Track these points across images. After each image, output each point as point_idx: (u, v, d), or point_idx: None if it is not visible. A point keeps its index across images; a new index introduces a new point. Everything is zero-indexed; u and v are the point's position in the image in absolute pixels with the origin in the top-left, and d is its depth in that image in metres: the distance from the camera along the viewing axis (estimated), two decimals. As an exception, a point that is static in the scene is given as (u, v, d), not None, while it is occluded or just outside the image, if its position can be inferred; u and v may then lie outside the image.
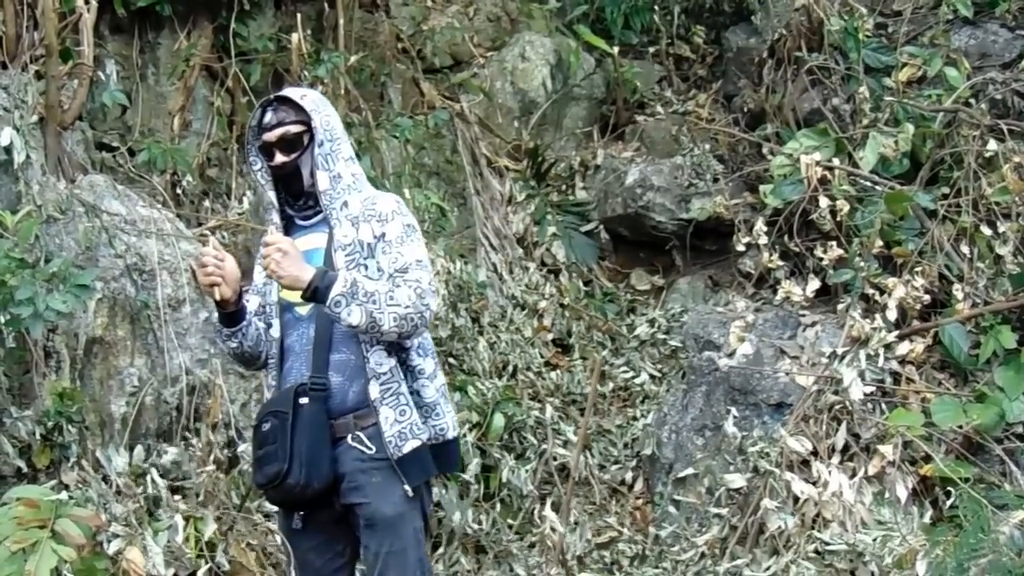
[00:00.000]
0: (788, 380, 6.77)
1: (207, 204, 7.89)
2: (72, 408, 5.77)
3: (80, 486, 5.68)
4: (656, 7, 10.91)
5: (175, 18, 8.36)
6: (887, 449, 6.19)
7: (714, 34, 10.87)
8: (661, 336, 8.54)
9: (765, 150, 8.67)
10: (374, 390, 4.28)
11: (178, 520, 5.72)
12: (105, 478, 5.90)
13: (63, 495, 5.27)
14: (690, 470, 6.76)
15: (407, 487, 4.25)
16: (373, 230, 4.35)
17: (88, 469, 5.83)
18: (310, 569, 4.46)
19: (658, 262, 9.55)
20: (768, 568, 5.99)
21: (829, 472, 6.11)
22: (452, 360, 7.84)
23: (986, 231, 6.95)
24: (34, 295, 5.20)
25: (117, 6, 7.97)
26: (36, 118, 6.60)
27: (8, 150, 6.14)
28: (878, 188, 7.29)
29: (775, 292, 7.58)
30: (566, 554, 6.41)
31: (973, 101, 7.56)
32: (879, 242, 7.06)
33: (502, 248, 9.14)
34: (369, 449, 4.25)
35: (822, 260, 7.24)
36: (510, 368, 8.06)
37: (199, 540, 5.80)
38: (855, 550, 5.75)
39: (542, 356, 8.38)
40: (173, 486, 6.12)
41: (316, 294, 4.16)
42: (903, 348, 6.66)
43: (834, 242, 7.20)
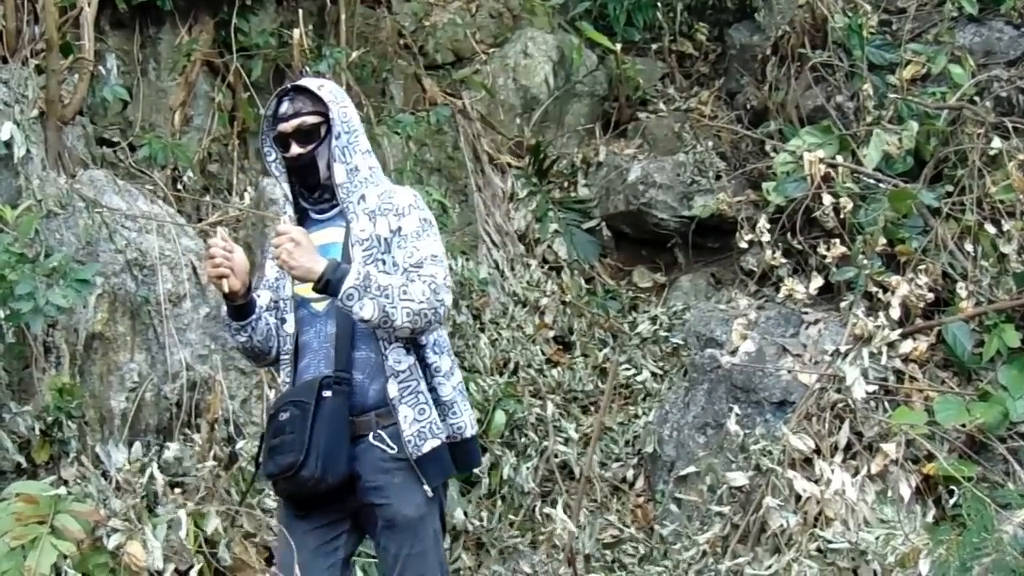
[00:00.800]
0: (790, 378, 6.74)
1: (208, 199, 7.87)
2: (72, 404, 5.76)
3: (79, 482, 5.66)
4: (659, 4, 10.88)
5: (176, 13, 8.34)
6: (890, 448, 6.16)
7: (717, 31, 10.84)
8: (663, 334, 8.50)
9: (768, 147, 8.66)
10: (393, 388, 4.19)
11: (181, 515, 5.69)
12: (104, 474, 5.89)
13: (62, 491, 5.28)
14: (692, 468, 6.74)
15: (427, 487, 4.19)
16: (390, 224, 4.26)
17: (87, 465, 5.81)
18: (305, 551, 4.32)
19: (660, 259, 9.53)
20: (770, 567, 5.96)
21: (832, 470, 6.08)
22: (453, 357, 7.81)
23: (990, 229, 6.93)
24: (34, 290, 5.19)
25: (118, 1, 7.95)
26: (36, 113, 6.59)
27: (8, 144, 6.13)
28: (882, 186, 7.28)
29: (777, 290, 7.58)
30: (575, 554, 6.39)
31: (978, 99, 7.55)
32: (882, 240, 7.04)
33: (504, 245, 9.12)
34: (391, 448, 4.17)
35: (825, 258, 7.22)
36: (511, 365, 8.05)
37: (199, 536, 5.78)
38: (857, 549, 5.73)
39: (543, 353, 8.36)
40: (173, 482, 6.10)
41: (328, 286, 4.07)
42: (906, 346, 6.64)
43: (837, 240, 7.19)
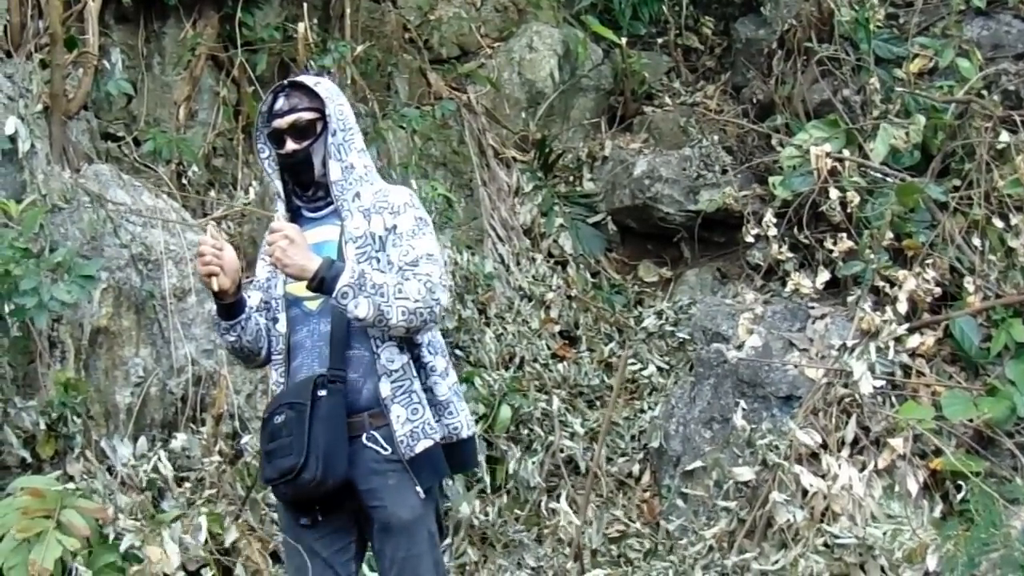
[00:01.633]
0: (797, 373, 6.72)
1: (212, 194, 7.87)
2: (77, 399, 5.75)
3: (86, 477, 5.65)
4: (664, -2, 10.88)
5: (180, 7, 8.34)
6: (897, 442, 6.14)
7: (723, 25, 10.83)
8: (669, 328, 8.49)
9: (774, 141, 8.63)
10: (385, 388, 4.14)
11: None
12: (110, 469, 5.88)
13: (71, 485, 5.28)
14: (698, 463, 6.72)
15: (419, 489, 4.13)
16: (385, 222, 4.21)
17: (93, 460, 5.80)
18: (317, 560, 4.27)
19: (666, 254, 9.51)
20: (776, 562, 5.94)
21: (839, 465, 6.06)
22: (459, 351, 7.81)
23: (998, 223, 6.90)
24: (38, 285, 5.17)
25: (122, -4, 7.95)
26: (41, 107, 6.59)
27: (13, 139, 6.14)
28: (889, 180, 7.25)
29: (784, 284, 7.56)
30: (582, 548, 6.37)
31: (985, 92, 7.51)
32: (889, 234, 7.01)
33: (509, 239, 9.11)
34: (385, 450, 4.12)
35: (832, 252, 7.19)
36: (517, 360, 8.04)
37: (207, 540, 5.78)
38: (865, 544, 5.71)
39: (549, 348, 8.35)
40: (178, 476, 6.10)
41: (322, 284, 4.00)
42: (913, 341, 6.62)
43: (844, 234, 7.16)
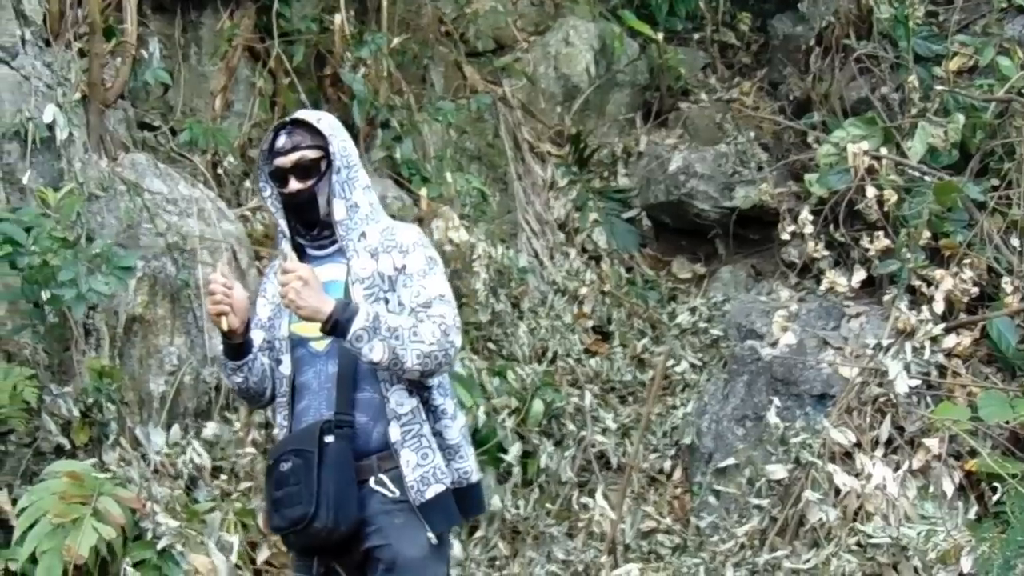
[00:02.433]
0: (831, 371, 6.70)
1: (248, 184, 7.87)
2: (111, 386, 5.76)
3: (121, 464, 5.67)
4: (701, -7, 10.84)
5: (218, -2, 8.36)
6: (932, 443, 6.11)
7: (759, 21, 10.78)
8: (702, 325, 8.47)
9: (811, 139, 8.59)
10: (395, 432, 4.03)
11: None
12: (144, 456, 5.90)
13: (108, 473, 5.30)
14: (731, 460, 6.70)
15: (430, 534, 4.01)
16: (394, 262, 4.11)
17: (127, 448, 5.82)
18: None
19: (700, 250, 9.49)
20: (808, 560, 5.92)
21: (872, 465, 6.03)
22: (492, 345, 7.83)
23: (1036, 224, 6.86)
24: (76, 276, 5.18)
25: (161, -15, 7.98)
26: (79, 96, 6.60)
27: (51, 127, 6.14)
28: (926, 178, 7.20)
29: (819, 282, 7.53)
30: (616, 542, 6.37)
31: (1026, 91, 7.46)
32: (927, 233, 6.96)
33: (543, 234, 9.11)
34: (392, 492, 4.01)
35: (868, 251, 7.16)
36: (549, 354, 8.05)
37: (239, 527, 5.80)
38: (898, 544, 5.68)
39: (582, 343, 8.35)
40: (214, 465, 6.12)
41: (336, 327, 3.90)
42: (950, 341, 6.57)
43: (880, 232, 7.12)
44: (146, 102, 7.93)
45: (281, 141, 4.20)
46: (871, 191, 7.21)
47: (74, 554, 4.86)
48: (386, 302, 4.06)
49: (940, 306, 6.67)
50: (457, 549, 6.29)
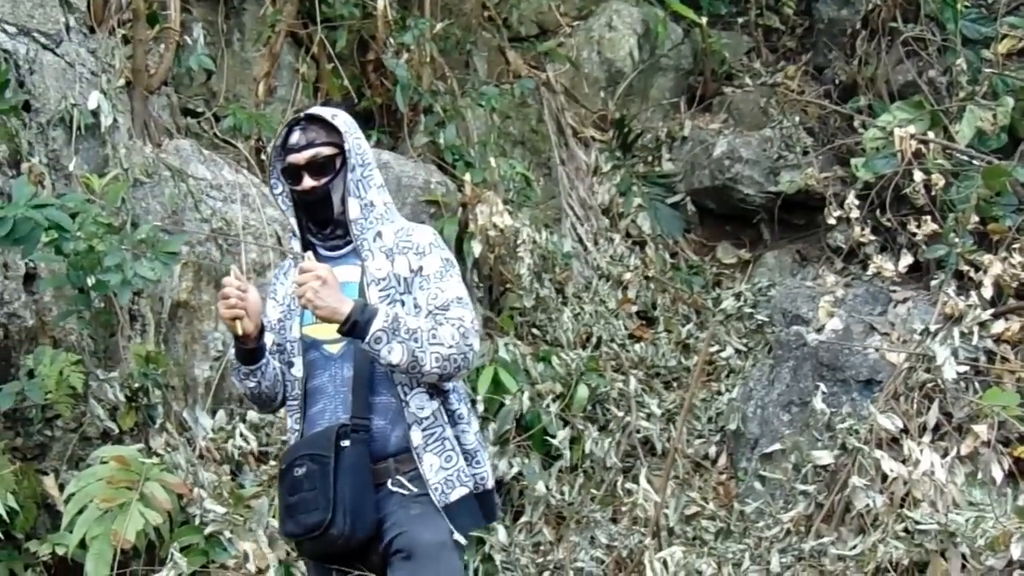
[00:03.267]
0: (878, 357, 6.65)
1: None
2: (157, 371, 5.79)
3: (167, 449, 5.69)
4: (746, -23, 10.78)
5: (261, -17, 8.36)
6: (981, 429, 6.05)
7: (804, 5, 10.69)
8: (747, 310, 8.42)
9: (856, 123, 8.54)
10: (416, 436, 3.99)
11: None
12: (190, 441, 5.92)
13: (155, 459, 5.33)
14: (776, 446, 6.66)
15: (457, 536, 3.96)
16: (410, 263, 4.05)
17: (173, 433, 5.84)
18: None
19: (745, 235, 9.46)
20: (854, 547, 5.88)
21: (920, 451, 5.97)
22: (536, 331, 7.82)
23: (1087, 207, 6.80)
24: (122, 262, 5.19)
25: (204, -29, 7.99)
26: (123, 82, 6.64)
27: (95, 114, 6.18)
28: (974, 162, 7.14)
29: (865, 267, 7.49)
30: (660, 526, 6.34)
31: (1076, 74, 7.40)
32: (975, 218, 6.91)
33: (587, 219, 9.09)
34: (411, 491, 3.96)
35: (915, 235, 7.11)
36: (594, 339, 8.03)
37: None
38: (946, 531, 5.61)
39: (626, 328, 8.32)
40: (259, 451, 6.15)
41: (355, 328, 3.83)
42: (999, 327, 6.51)
43: (928, 217, 7.07)
44: (189, 88, 7.95)
45: (295, 137, 4.13)
46: (918, 175, 7.15)
47: (121, 539, 4.89)
48: (401, 304, 4.01)
49: (988, 291, 6.61)
50: (502, 534, 6.28)
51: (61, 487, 5.29)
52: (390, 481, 3.96)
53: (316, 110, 4.22)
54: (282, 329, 4.24)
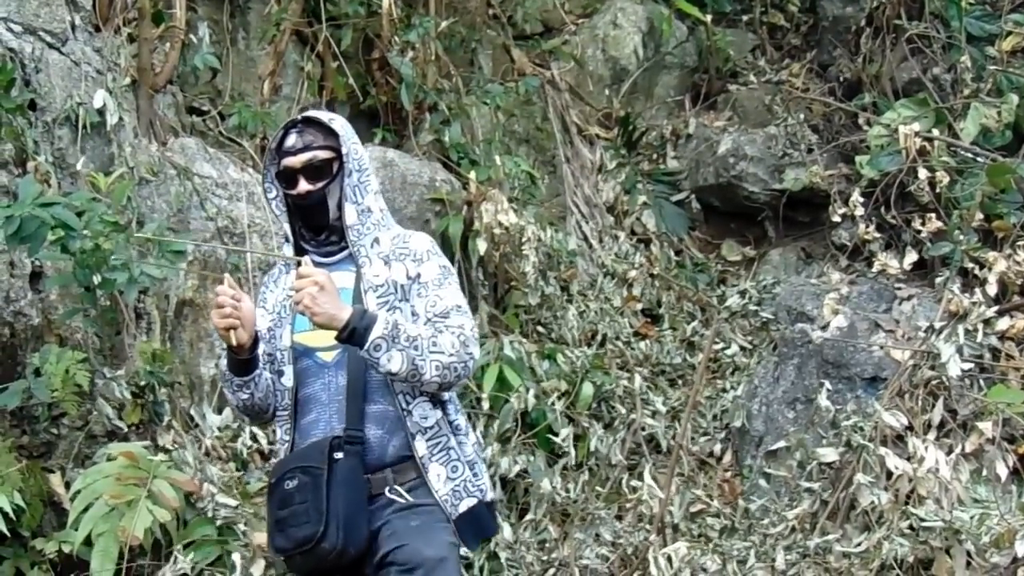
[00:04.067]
0: (883, 354, 6.66)
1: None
2: (163, 369, 5.79)
3: (176, 445, 5.70)
4: (750, -26, 10.78)
5: (266, -18, 8.37)
6: (985, 426, 6.06)
7: (809, 2, 10.67)
8: (752, 308, 8.42)
9: (861, 120, 8.55)
10: (421, 446, 3.91)
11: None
12: (196, 439, 5.93)
13: (161, 457, 5.34)
14: (781, 443, 6.68)
15: (465, 550, 3.93)
16: (407, 270, 3.99)
17: (180, 431, 5.85)
18: None
19: (750, 233, 9.44)
20: (859, 544, 5.89)
21: (925, 448, 5.99)
22: (541, 328, 7.82)
23: (1091, 205, 6.80)
24: (128, 260, 5.20)
25: (209, -30, 8.01)
26: (128, 81, 6.66)
27: (101, 112, 6.19)
28: (979, 160, 7.15)
29: (870, 265, 7.51)
30: (664, 522, 6.35)
31: (1081, 72, 7.40)
32: (979, 215, 6.93)
33: (592, 217, 9.10)
34: (406, 500, 3.88)
35: (919, 233, 7.13)
36: (599, 337, 8.03)
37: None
38: (951, 528, 5.63)
39: (631, 326, 8.33)
40: (260, 449, 6.15)
41: (353, 336, 3.73)
42: (1003, 324, 6.52)
43: (932, 214, 7.09)
44: (195, 87, 7.96)
45: (291, 140, 4.05)
46: (923, 173, 7.17)
47: (129, 536, 4.90)
48: (399, 311, 3.93)
49: (993, 288, 6.63)
50: (507, 532, 6.30)
51: (67, 485, 5.30)
52: (387, 489, 3.88)
53: (313, 113, 4.14)
54: (272, 338, 4.14)
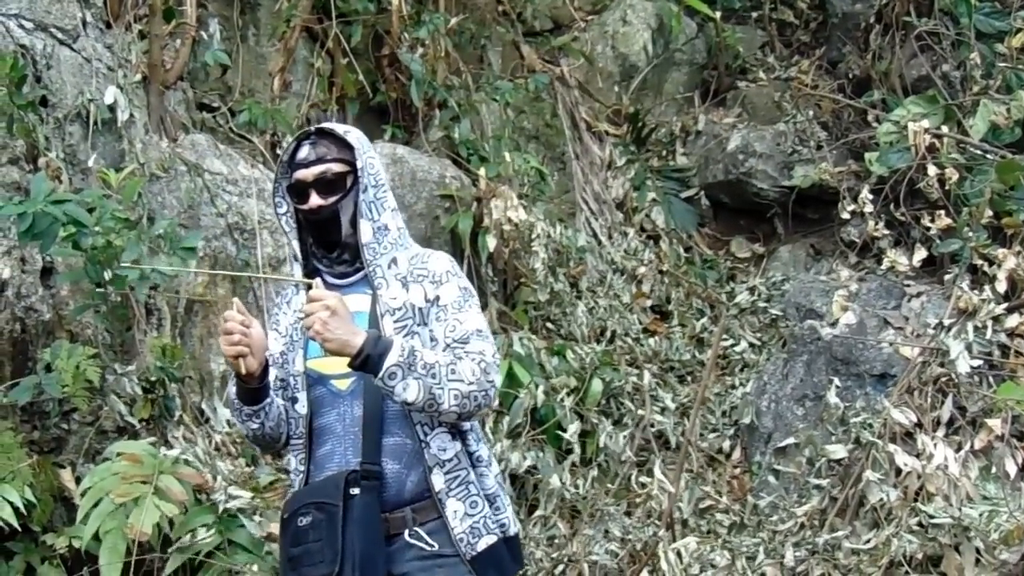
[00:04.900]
0: (892, 351, 6.65)
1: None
2: (173, 365, 5.80)
3: (187, 438, 5.72)
4: (759, -29, 10.78)
5: (276, -21, 8.38)
6: (995, 423, 6.06)
7: (818, -1, 10.72)
8: (761, 304, 8.42)
9: (870, 117, 8.56)
10: (438, 480, 3.67)
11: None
12: (208, 434, 5.94)
13: (171, 452, 5.35)
14: (790, 440, 6.67)
15: None
16: (425, 292, 3.73)
17: (190, 425, 5.86)
18: None
19: (759, 229, 9.45)
20: (868, 541, 5.89)
21: (934, 445, 5.99)
22: (550, 325, 7.83)
23: (1102, 202, 6.79)
24: (140, 257, 5.21)
25: (219, -33, 8.02)
26: (139, 77, 6.68)
27: (112, 108, 6.20)
28: (988, 157, 7.14)
29: (879, 261, 7.50)
30: (674, 517, 6.36)
31: (1090, 68, 7.39)
32: (989, 212, 6.91)
33: (601, 213, 9.10)
34: (431, 546, 3.63)
35: (929, 230, 7.12)
36: (608, 333, 8.03)
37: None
38: (960, 524, 5.63)
39: (640, 322, 8.33)
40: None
41: (367, 363, 3.48)
42: (1013, 321, 6.50)
43: (942, 211, 7.08)
44: (205, 83, 7.97)
45: (304, 152, 3.82)
46: (932, 169, 7.16)
47: (137, 532, 4.92)
48: (418, 336, 3.70)
49: (1003, 285, 6.61)
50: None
51: (78, 480, 5.31)
52: (407, 532, 3.66)
53: (328, 125, 3.91)
54: (285, 363, 3.92)
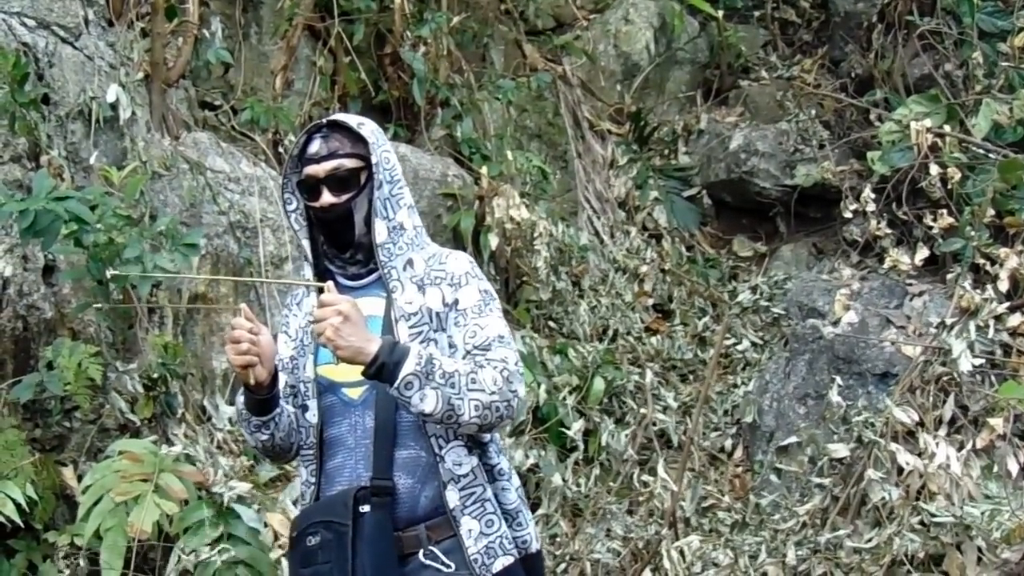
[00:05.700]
0: (894, 350, 6.65)
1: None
2: (175, 363, 5.80)
3: (188, 435, 5.72)
4: (762, -30, 10.78)
5: (278, -23, 8.38)
6: (997, 422, 6.05)
7: (821, -2, 10.73)
8: (763, 303, 8.43)
9: (873, 116, 8.56)
10: (453, 496, 3.43)
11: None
12: (210, 432, 5.94)
13: (172, 449, 5.34)
14: (792, 439, 6.67)
15: None
16: (443, 296, 3.47)
17: (192, 423, 5.86)
18: None
19: (761, 228, 9.46)
20: (870, 539, 5.88)
21: (936, 444, 5.98)
22: (552, 323, 7.83)
23: (1104, 201, 6.79)
24: (142, 254, 5.21)
25: (222, -35, 8.01)
26: (141, 75, 6.67)
27: (114, 107, 6.21)
28: (991, 156, 7.15)
29: (881, 260, 7.51)
30: (676, 516, 6.35)
31: (1092, 67, 7.39)
32: (991, 211, 6.91)
33: (604, 212, 9.11)
34: (448, 567, 3.39)
35: (931, 229, 7.13)
36: (610, 332, 8.05)
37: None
38: (962, 523, 5.62)
39: (642, 321, 8.34)
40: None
41: (382, 371, 3.22)
42: (1015, 320, 6.51)
43: (944, 210, 7.08)
44: (207, 81, 7.97)
45: (315, 146, 3.53)
46: (934, 169, 7.16)
47: (137, 530, 4.92)
48: (435, 343, 3.46)
49: (1005, 285, 6.62)
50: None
51: (79, 478, 5.32)
52: (422, 552, 3.42)
53: (341, 117, 3.62)
54: (295, 368, 3.67)
